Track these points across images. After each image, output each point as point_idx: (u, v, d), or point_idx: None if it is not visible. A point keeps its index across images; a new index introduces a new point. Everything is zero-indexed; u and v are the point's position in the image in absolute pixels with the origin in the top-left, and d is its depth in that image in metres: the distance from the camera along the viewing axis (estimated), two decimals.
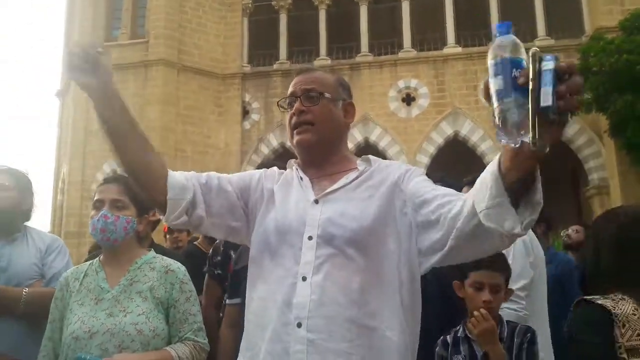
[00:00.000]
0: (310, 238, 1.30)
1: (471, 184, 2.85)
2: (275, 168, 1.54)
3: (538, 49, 0.93)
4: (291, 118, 1.43)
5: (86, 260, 2.33)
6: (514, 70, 0.95)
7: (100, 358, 1.68)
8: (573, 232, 4.82)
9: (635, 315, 1.30)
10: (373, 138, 14.86)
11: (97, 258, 1.98)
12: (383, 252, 1.28)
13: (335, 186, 1.37)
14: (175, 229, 4.03)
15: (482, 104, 14.53)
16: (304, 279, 1.26)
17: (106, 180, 1.97)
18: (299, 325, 1.23)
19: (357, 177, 1.38)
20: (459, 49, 15.15)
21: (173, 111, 14.72)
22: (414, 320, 1.32)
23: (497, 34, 1.01)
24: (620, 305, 1.32)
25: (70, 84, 15.63)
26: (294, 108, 1.42)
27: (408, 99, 14.99)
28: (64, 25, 18.17)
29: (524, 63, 0.95)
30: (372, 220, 1.29)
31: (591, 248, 1.48)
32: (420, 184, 1.33)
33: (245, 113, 15.74)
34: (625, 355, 1.26)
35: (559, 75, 0.92)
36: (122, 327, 1.74)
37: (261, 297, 1.34)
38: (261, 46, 16.24)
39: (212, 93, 15.54)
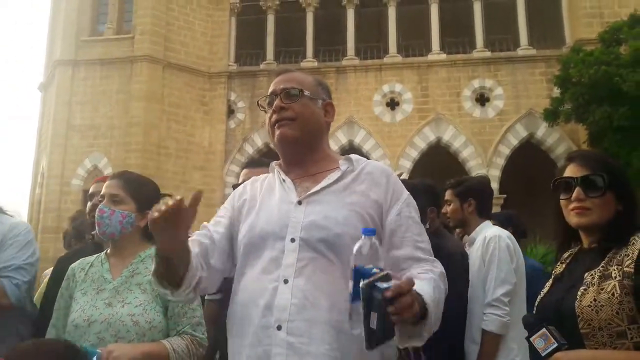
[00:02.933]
0: (292, 240, 1.30)
1: (454, 187, 2.91)
2: (260, 176, 1.54)
3: (367, 282, 1.09)
4: (271, 116, 1.43)
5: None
6: (361, 280, 1.10)
7: (95, 347, 1.69)
8: None
9: None
10: (357, 141, 14.97)
11: (105, 250, 2.02)
12: None
13: (318, 187, 1.36)
14: None
15: (464, 111, 14.76)
16: (286, 281, 1.26)
17: (111, 176, 2.01)
18: (279, 328, 1.23)
19: (340, 178, 1.38)
20: (443, 56, 15.36)
21: (157, 108, 14.62)
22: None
23: (362, 236, 1.16)
24: None
25: (54, 76, 15.43)
26: (274, 106, 1.42)
27: (392, 104, 15.15)
28: (48, 18, 17.89)
29: (374, 271, 1.10)
30: (354, 229, 1.27)
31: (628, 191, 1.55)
32: (400, 228, 1.35)
33: (231, 112, 15.71)
34: None
35: (390, 299, 1.06)
36: (118, 317, 1.77)
37: (242, 302, 1.34)
38: (248, 46, 16.24)
39: (197, 91, 15.48)
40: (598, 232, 1.55)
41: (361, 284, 1.10)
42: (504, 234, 2.74)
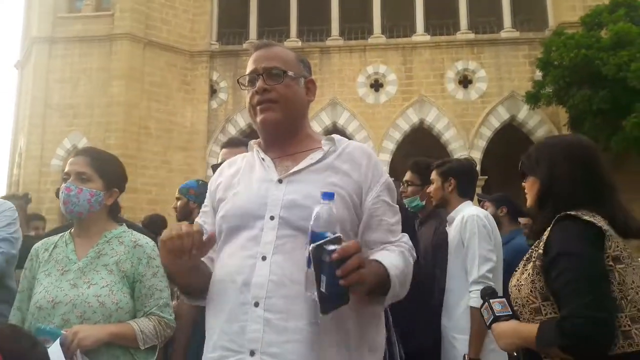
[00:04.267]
0: (272, 218, 1.28)
1: (438, 167, 2.98)
2: (238, 155, 1.52)
3: (315, 245, 1.12)
4: (253, 96, 1.39)
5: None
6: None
7: (60, 329, 1.67)
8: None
9: (609, 230, 1.47)
10: (341, 122, 14.93)
11: (69, 230, 1.97)
12: (342, 234, 1.28)
13: (300, 166, 1.35)
14: None
15: (447, 93, 14.78)
16: (264, 258, 1.25)
17: (75, 153, 1.94)
18: (256, 304, 1.22)
19: (322, 158, 1.37)
20: (428, 37, 15.30)
21: (138, 87, 14.38)
22: (373, 313, 1.36)
23: (321, 201, 1.19)
24: (598, 220, 1.46)
25: (31, 54, 15.05)
26: (256, 86, 1.38)
27: (376, 85, 15.10)
28: None
29: (327, 234, 1.14)
30: (337, 209, 1.25)
31: (563, 167, 1.58)
32: (377, 212, 1.37)
33: (213, 92, 15.52)
34: (611, 263, 1.44)
35: (339, 262, 1.10)
36: (84, 298, 1.74)
37: (219, 279, 1.33)
38: (231, 24, 15.98)
39: (179, 70, 15.23)
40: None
41: (310, 246, 1.13)
42: (482, 213, 2.77)
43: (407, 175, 3.09)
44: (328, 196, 1.18)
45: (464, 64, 14.88)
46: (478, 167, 13.60)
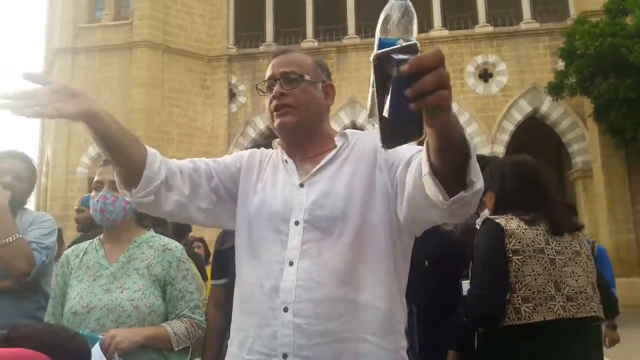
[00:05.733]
0: (296, 223, 1.30)
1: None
2: (263, 149, 1.52)
3: (379, 53, 0.84)
4: (271, 101, 1.40)
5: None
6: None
7: (96, 333, 1.71)
8: None
9: (518, 229, 1.90)
10: (360, 121, 14.90)
11: (98, 237, 2.01)
12: (368, 225, 1.28)
13: (316, 167, 1.36)
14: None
15: (468, 88, 14.62)
16: (291, 264, 1.27)
17: (105, 162, 1.98)
18: (285, 309, 1.24)
19: (336, 155, 1.37)
20: (446, 32, 15.17)
21: (158, 93, 14.58)
22: (401, 288, 1.35)
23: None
24: (509, 222, 1.92)
25: (54, 64, 15.38)
26: (273, 91, 1.39)
27: None
28: (46, 5, 17.77)
29: (399, 42, 0.86)
30: (357, 196, 1.29)
31: (507, 179, 2.05)
32: (390, 156, 1.29)
33: (232, 95, 15.64)
34: (510, 255, 1.88)
35: (411, 78, 0.80)
36: (118, 303, 1.78)
37: (248, 282, 1.34)
38: (247, 28, 16.09)
39: (198, 75, 15.40)
40: None
41: (372, 55, 0.84)
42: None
43: None
44: None
45: (483, 58, 14.71)
46: None
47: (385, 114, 0.82)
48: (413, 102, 0.80)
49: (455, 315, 2.08)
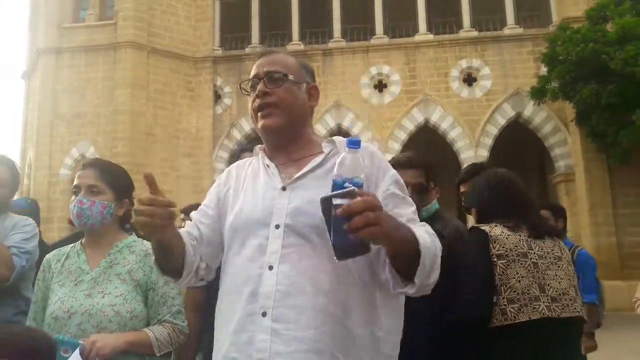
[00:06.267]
0: (277, 227, 1.28)
1: (478, 174, 2.97)
2: (245, 160, 1.51)
3: (323, 198, 1.09)
4: (254, 101, 1.39)
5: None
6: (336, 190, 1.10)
7: (77, 339, 1.69)
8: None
9: (502, 234, 2.02)
10: (345, 124, 14.94)
11: (80, 241, 1.99)
12: None
13: (302, 171, 1.34)
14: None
15: (452, 92, 14.76)
16: (270, 268, 1.25)
17: (84, 166, 1.96)
18: (264, 314, 1.22)
19: (323, 161, 1.35)
20: (431, 36, 15.29)
21: (143, 95, 14.47)
22: (390, 324, 1.31)
23: (346, 148, 1.15)
24: (493, 229, 2.04)
25: (37, 65, 15.16)
26: (257, 90, 1.39)
27: (380, 86, 15.10)
28: (29, 4, 17.53)
29: (346, 185, 1.09)
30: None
31: (485, 193, 2.19)
32: (387, 207, 1.26)
33: (217, 97, 15.58)
34: (495, 259, 1.98)
35: (348, 217, 1.05)
36: (99, 308, 1.76)
37: (227, 291, 1.33)
38: (233, 29, 16.05)
39: (183, 77, 15.31)
40: None
41: (320, 197, 1.10)
42: None
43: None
44: (353, 143, 1.13)
45: (467, 62, 14.85)
46: None
47: (332, 240, 1.08)
48: (351, 234, 1.04)
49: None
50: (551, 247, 2.04)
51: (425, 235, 1.22)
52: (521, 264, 1.95)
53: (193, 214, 1.48)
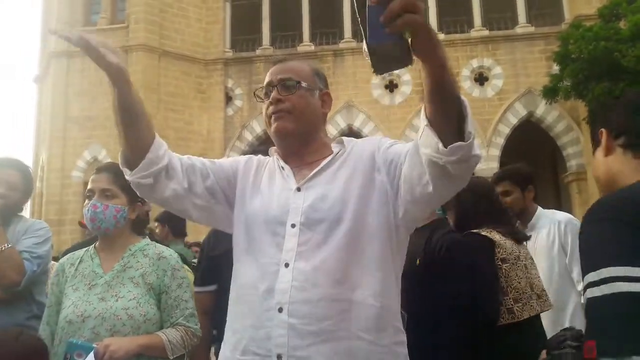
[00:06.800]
0: (293, 226, 1.32)
1: (514, 175, 3.03)
2: (260, 156, 1.55)
3: None
4: (268, 107, 1.42)
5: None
6: None
7: (91, 342, 1.70)
8: None
9: (501, 240, 2.17)
10: (356, 125, 14.92)
11: (93, 245, 2.01)
12: (364, 226, 1.30)
13: (313, 172, 1.38)
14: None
15: (464, 91, 14.66)
16: (287, 265, 1.28)
17: (97, 170, 1.98)
18: (280, 310, 1.25)
19: (333, 160, 1.40)
20: (442, 36, 15.18)
21: (154, 97, 14.56)
22: (396, 284, 1.36)
23: None
24: (493, 235, 2.18)
25: (49, 69, 15.33)
26: (270, 97, 1.42)
27: (391, 86, 15.05)
28: (41, 9, 17.74)
29: None
30: (354, 198, 1.31)
31: (468, 200, 2.25)
32: (392, 149, 1.35)
33: (229, 99, 15.64)
34: (499, 263, 2.13)
35: (384, 5, 0.91)
36: (113, 311, 1.77)
37: (243, 284, 1.36)
38: (244, 31, 16.10)
39: (194, 79, 15.39)
40: None
41: None
42: (572, 217, 2.94)
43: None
44: None
45: (479, 62, 14.76)
46: (497, 165, 13.46)
47: (369, 42, 0.91)
48: (387, 25, 0.90)
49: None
50: (526, 250, 2.30)
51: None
52: (518, 266, 2.16)
53: (201, 158, 1.50)
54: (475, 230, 2.22)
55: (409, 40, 0.94)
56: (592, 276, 0.94)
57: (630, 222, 0.93)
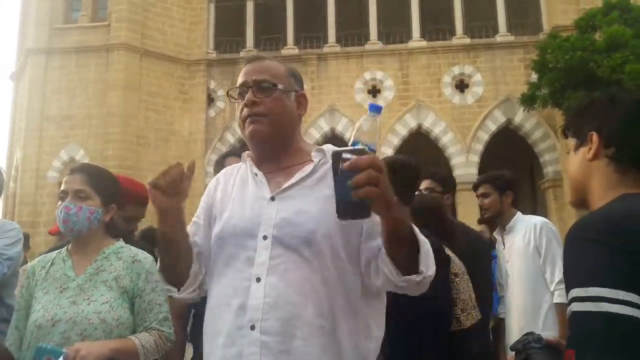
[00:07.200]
0: (265, 238, 1.27)
1: (495, 180, 3.16)
2: (233, 166, 1.50)
3: (334, 151, 1.12)
4: (242, 109, 1.37)
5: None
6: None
7: (61, 347, 1.65)
8: None
9: (452, 256, 2.31)
10: (339, 128, 14.95)
11: (66, 247, 1.96)
12: (336, 257, 1.26)
13: (291, 181, 1.32)
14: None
15: (444, 98, 14.83)
16: (258, 279, 1.24)
17: (71, 171, 1.93)
18: (252, 327, 1.21)
19: (313, 171, 1.34)
20: (424, 43, 15.36)
21: (135, 97, 14.39)
22: (374, 330, 1.31)
23: (368, 112, 1.18)
24: (447, 251, 2.29)
25: (26, 65, 15.05)
26: (245, 99, 1.36)
27: (374, 91, 15.14)
28: (19, 3, 17.42)
29: (359, 146, 1.13)
30: (330, 222, 1.22)
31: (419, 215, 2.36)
32: (376, 218, 1.23)
33: (211, 101, 15.54)
34: (452, 277, 2.28)
35: (353, 172, 1.05)
36: (84, 315, 1.73)
37: (215, 304, 1.32)
38: (228, 33, 16.03)
39: (176, 79, 15.26)
40: None
41: (331, 152, 1.15)
42: (547, 220, 3.07)
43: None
44: (374, 108, 1.17)
45: (460, 69, 14.94)
46: (475, 171, 13.62)
47: (335, 197, 1.09)
48: (354, 190, 1.04)
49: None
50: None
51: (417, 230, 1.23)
52: (464, 280, 2.35)
53: (188, 228, 1.44)
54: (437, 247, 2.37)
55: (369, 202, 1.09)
56: (579, 292, 0.96)
57: (621, 247, 0.94)
